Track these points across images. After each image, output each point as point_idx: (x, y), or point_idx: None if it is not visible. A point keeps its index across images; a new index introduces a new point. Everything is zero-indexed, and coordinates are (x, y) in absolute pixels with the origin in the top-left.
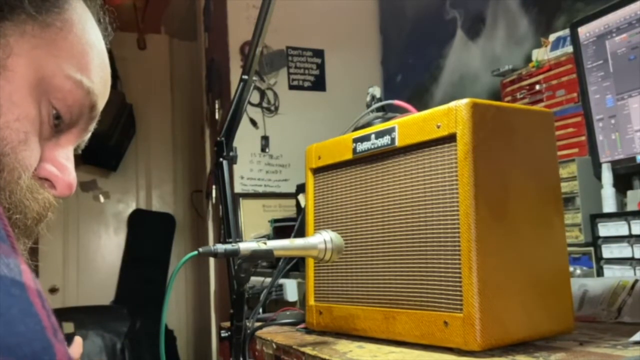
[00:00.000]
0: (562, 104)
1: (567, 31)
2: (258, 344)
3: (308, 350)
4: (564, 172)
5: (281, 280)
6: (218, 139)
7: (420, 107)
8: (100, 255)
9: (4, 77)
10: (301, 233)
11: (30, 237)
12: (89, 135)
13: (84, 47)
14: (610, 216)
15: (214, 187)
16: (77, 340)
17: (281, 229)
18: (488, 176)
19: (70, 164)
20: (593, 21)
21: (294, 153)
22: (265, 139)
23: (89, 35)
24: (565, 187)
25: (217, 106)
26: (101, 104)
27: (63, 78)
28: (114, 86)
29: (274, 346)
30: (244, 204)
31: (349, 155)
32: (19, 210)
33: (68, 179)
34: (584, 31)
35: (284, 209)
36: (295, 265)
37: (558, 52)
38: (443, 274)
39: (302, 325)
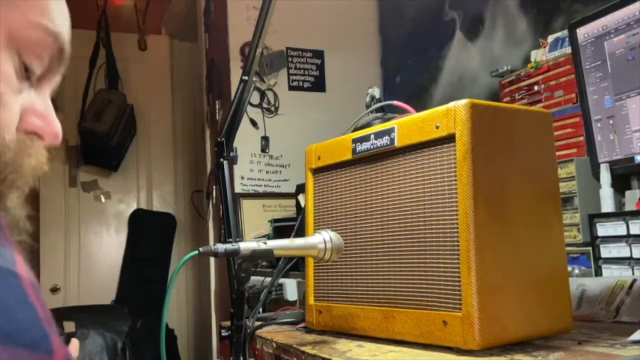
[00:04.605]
0: (560, 104)
1: (565, 32)
2: (258, 343)
3: (308, 349)
4: (562, 172)
5: (281, 280)
6: (218, 139)
7: (419, 107)
8: (101, 255)
9: None
10: (301, 233)
11: (25, 187)
12: (60, 78)
13: None
14: (608, 216)
15: (214, 187)
16: (74, 343)
17: (281, 229)
18: (487, 176)
19: (51, 112)
20: (591, 22)
21: (294, 153)
22: (265, 139)
23: None
24: (563, 187)
25: (217, 107)
26: (68, 45)
27: (29, 28)
28: (115, 87)
29: (274, 345)
30: (244, 204)
31: (348, 156)
32: (14, 170)
33: (54, 129)
34: (582, 32)
35: (284, 209)
36: (295, 265)
37: (556, 53)
38: (442, 274)
39: (301, 325)
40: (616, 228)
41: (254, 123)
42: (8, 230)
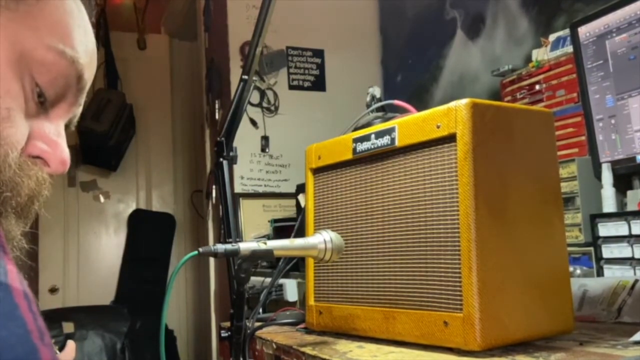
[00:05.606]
0: (562, 104)
1: (567, 31)
2: (258, 344)
3: (308, 350)
4: (564, 172)
5: (281, 280)
6: (218, 139)
7: (420, 107)
8: (100, 255)
9: None
10: (301, 233)
11: (27, 217)
12: (80, 109)
13: (63, 17)
14: (610, 216)
15: (214, 187)
16: (70, 344)
17: (281, 229)
18: (488, 176)
19: (61, 139)
20: (593, 21)
21: (294, 153)
22: (265, 139)
23: (68, 6)
24: (565, 187)
25: (217, 106)
26: (88, 75)
27: (44, 50)
28: (114, 86)
29: (274, 346)
30: (244, 204)
31: (349, 155)
32: (9, 188)
33: (61, 156)
34: (584, 31)
35: (284, 209)
36: (295, 265)
37: (558, 52)
38: (443, 274)
39: (302, 325)
40: (618, 228)
41: (253, 123)
42: (5, 241)
